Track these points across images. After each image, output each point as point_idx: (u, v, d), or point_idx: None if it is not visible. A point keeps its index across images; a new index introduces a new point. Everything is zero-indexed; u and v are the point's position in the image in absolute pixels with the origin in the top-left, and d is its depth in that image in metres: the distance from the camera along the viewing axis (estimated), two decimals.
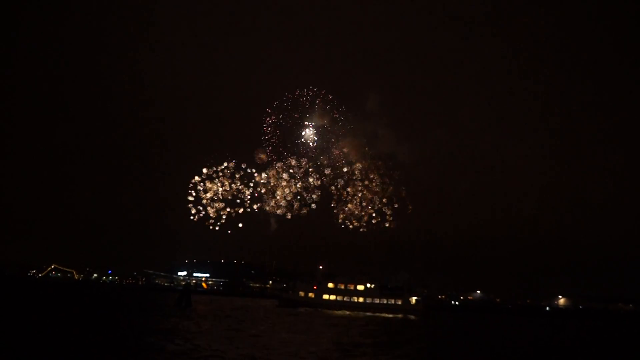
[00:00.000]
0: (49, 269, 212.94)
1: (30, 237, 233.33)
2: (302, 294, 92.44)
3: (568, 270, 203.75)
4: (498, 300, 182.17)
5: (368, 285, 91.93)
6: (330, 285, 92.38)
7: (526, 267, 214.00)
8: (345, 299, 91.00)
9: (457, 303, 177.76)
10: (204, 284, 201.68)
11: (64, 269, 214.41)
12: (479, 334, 46.81)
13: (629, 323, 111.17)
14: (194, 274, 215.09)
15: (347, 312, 79.65)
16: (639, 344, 48.72)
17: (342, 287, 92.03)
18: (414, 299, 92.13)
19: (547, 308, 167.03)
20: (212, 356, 20.44)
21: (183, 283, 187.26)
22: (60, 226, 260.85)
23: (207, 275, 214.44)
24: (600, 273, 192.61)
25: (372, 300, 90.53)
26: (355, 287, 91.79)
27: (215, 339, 26.54)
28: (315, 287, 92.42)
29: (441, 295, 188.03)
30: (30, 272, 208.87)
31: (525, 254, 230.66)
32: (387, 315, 79.21)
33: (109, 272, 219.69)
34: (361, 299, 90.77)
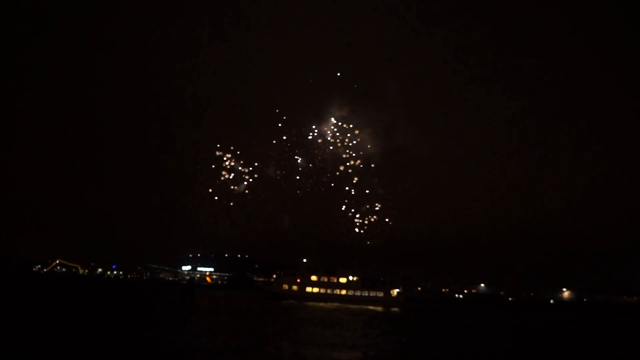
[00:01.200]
0: (54, 263, 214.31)
1: (35, 232, 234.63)
2: (285, 286, 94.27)
3: (572, 263, 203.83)
4: (502, 293, 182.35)
5: (350, 277, 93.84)
6: (314, 278, 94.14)
7: (530, 260, 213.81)
8: (328, 291, 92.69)
9: (461, 296, 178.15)
10: (208, 279, 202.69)
11: (69, 263, 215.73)
12: (456, 327, 46.57)
13: (633, 316, 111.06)
14: (198, 268, 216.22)
15: (330, 304, 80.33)
16: None
17: (325, 279, 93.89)
18: (395, 291, 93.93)
19: (552, 301, 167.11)
20: (253, 356, 19.64)
21: (187, 277, 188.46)
22: (65, 221, 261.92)
23: (212, 269, 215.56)
24: (604, 265, 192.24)
25: (354, 292, 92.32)
26: (338, 279, 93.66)
27: (246, 336, 26.02)
28: (298, 280, 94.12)
29: (445, 289, 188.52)
30: (36, 267, 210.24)
31: (529, 246, 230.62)
32: (368, 307, 79.53)
33: (114, 266, 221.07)
34: (343, 292, 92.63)
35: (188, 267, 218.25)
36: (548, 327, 53.01)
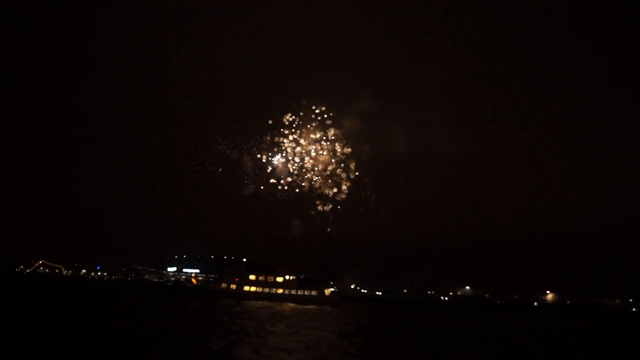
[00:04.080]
0: (37, 264, 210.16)
1: (18, 233, 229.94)
2: (224, 285, 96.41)
3: (556, 266, 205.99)
4: (487, 295, 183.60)
5: (286, 277, 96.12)
6: (252, 277, 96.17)
7: (515, 263, 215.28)
8: (265, 290, 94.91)
9: (446, 299, 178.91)
10: (193, 280, 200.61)
11: (52, 264, 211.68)
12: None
13: (616, 318, 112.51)
14: (184, 270, 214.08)
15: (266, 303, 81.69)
16: (626, 339, 49.08)
17: (262, 279, 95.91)
18: (329, 290, 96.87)
19: (535, 303, 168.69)
20: None
21: (173, 279, 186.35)
22: (48, 221, 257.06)
23: (197, 271, 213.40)
24: (588, 268, 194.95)
25: (290, 291, 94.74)
26: (275, 279, 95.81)
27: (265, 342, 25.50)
28: (237, 280, 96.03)
29: (430, 291, 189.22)
30: (18, 268, 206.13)
31: (514, 250, 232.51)
32: (304, 306, 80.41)
33: (98, 267, 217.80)
34: (280, 291, 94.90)
35: (173, 269, 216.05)
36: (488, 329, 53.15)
